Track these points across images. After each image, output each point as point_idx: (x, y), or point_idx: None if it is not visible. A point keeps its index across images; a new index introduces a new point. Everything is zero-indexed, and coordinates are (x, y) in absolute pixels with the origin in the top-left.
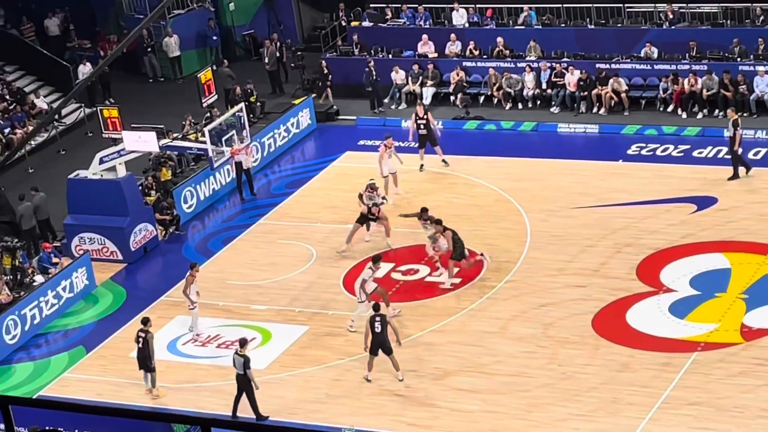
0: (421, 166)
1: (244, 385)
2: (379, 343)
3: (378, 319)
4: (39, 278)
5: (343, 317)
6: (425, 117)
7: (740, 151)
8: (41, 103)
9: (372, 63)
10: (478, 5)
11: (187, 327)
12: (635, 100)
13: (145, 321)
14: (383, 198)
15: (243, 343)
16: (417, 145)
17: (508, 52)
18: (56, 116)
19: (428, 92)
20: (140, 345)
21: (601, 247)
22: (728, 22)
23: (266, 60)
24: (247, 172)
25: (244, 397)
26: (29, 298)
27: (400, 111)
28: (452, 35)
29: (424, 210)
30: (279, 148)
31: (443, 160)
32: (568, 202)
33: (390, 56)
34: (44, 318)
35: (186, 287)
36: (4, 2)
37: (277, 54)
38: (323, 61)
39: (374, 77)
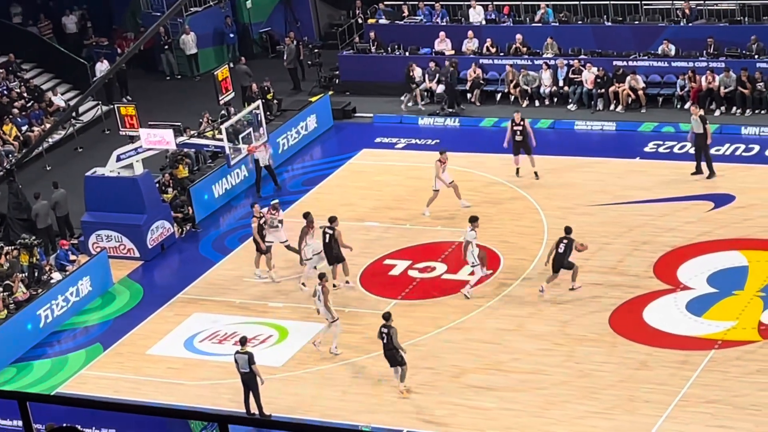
0: (517, 170)
1: (251, 382)
2: (559, 263)
3: (565, 241)
4: (56, 275)
5: (360, 314)
6: (522, 123)
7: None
8: (58, 101)
9: (456, 61)
10: (495, 2)
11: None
12: (652, 97)
13: (387, 316)
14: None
15: (243, 341)
16: (513, 152)
17: (525, 49)
18: (73, 114)
19: (441, 89)
20: (384, 341)
21: (618, 244)
22: (746, 19)
23: (285, 57)
24: (268, 167)
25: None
26: (46, 295)
27: (419, 108)
28: (469, 32)
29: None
30: (295, 146)
31: (535, 173)
32: (585, 199)
33: (407, 53)
34: (61, 315)
35: (326, 300)
36: (22, 0)
37: (296, 52)
38: (413, 63)
39: (450, 77)
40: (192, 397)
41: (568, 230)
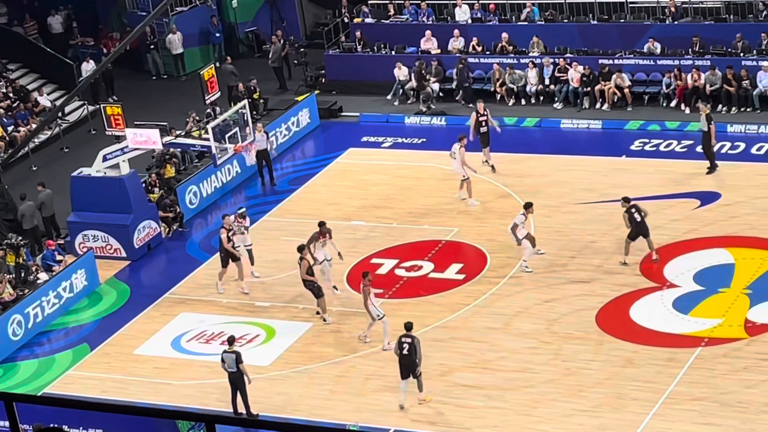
0: (492, 166)
1: (238, 382)
2: (644, 230)
3: (633, 209)
4: (43, 276)
5: (346, 313)
6: (485, 113)
7: (716, 146)
8: (44, 101)
9: (466, 59)
10: (481, 1)
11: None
12: (638, 95)
13: (410, 326)
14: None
15: (231, 340)
16: (480, 144)
17: (511, 48)
18: (59, 114)
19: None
20: (405, 351)
21: (605, 242)
22: (731, 17)
23: (270, 56)
24: (267, 160)
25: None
26: (33, 295)
27: (405, 107)
28: (455, 31)
29: (322, 224)
30: (282, 145)
31: (487, 162)
32: (571, 197)
33: (393, 52)
34: (48, 315)
35: (366, 300)
36: (8, 0)
37: (282, 51)
38: (423, 62)
39: (467, 74)
40: (179, 397)
41: (627, 199)
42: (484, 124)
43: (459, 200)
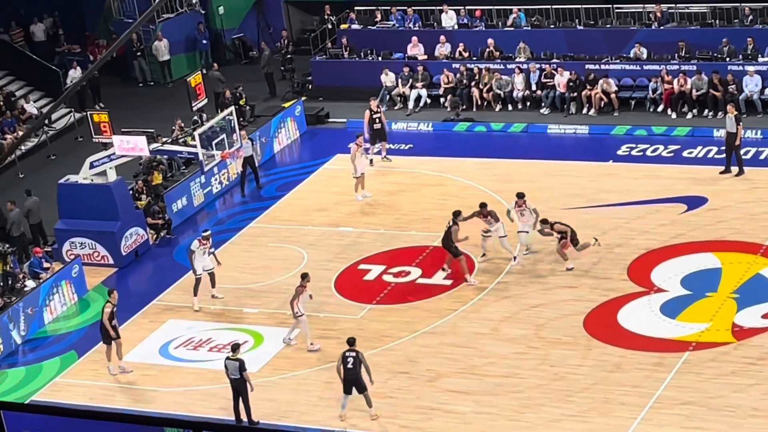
0: (371, 161)
1: (242, 388)
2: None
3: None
4: (30, 283)
5: (334, 319)
6: (379, 111)
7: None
8: (31, 108)
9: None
10: (467, 7)
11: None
12: (625, 100)
13: (353, 342)
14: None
15: (235, 347)
16: (369, 140)
17: (497, 53)
18: (46, 121)
19: (415, 94)
20: (350, 365)
21: (592, 247)
22: (717, 21)
23: (261, 63)
24: (252, 166)
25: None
26: (20, 303)
27: (392, 113)
28: (442, 37)
29: (483, 205)
30: (269, 151)
31: (387, 157)
32: (558, 203)
33: (380, 58)
34: (35, 323)
35: (294, 298)
36: None
37: (275, 56)
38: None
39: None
40: (167, 404)
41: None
42: (377, 120)
43: (361, 200)
